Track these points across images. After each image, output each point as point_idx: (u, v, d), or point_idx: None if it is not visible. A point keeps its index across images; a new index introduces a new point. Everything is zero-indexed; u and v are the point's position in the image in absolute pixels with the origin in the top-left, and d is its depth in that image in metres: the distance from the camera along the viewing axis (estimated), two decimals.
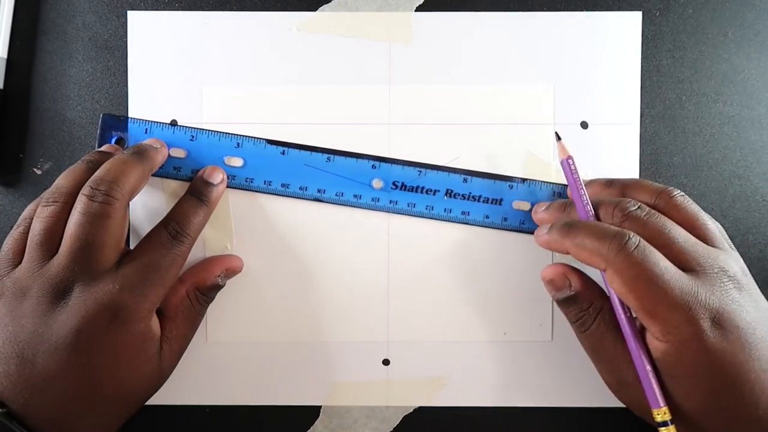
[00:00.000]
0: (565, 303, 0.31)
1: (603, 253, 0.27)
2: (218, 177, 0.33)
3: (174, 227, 0.30)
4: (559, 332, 0.34)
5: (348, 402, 0.34)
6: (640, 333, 0.29)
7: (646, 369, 0.28)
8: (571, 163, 0.31)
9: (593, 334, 0.30)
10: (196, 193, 0.32)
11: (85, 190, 0.29)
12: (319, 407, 0.34)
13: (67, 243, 0.28)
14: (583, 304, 0.30)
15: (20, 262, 0.29)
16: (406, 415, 0.34)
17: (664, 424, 0.27)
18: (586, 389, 0.34)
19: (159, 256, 0.29)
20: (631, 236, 0.27)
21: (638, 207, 0.29)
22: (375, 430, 0.34)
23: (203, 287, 0.32)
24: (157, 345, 0.30)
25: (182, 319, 0.31)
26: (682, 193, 0.30)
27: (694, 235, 0.29)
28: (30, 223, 0.29)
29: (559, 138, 0.32)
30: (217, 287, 0.33)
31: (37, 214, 0.29)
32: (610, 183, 0.32)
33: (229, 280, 0.33)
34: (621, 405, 0.34)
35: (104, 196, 0.28)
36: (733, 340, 0.26)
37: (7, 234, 0.30)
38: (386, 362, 0.34)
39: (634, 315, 0.29)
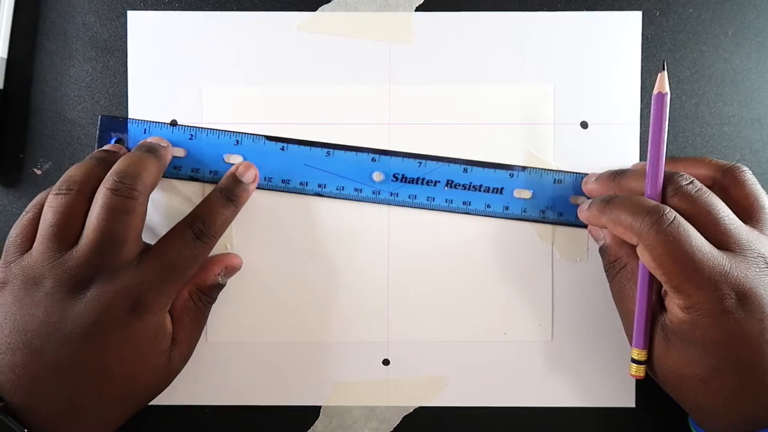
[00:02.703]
0: (599, 251, 0.32)
1: (636, 229, 0.27)
2: (251, 175, 0.32)
3: (199, 226, 0.30)
4: (559, 332, 0.34)
5: (348, 402, 0.34)
6: (662, 296, 0.29)
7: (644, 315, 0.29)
8: (666, 100, 0.30)
9: (615, 285, 0.31)
10: (226, 192, 0.31)
11: (108, 183, 0.28)
12: (319, 407, 0.34)
13: (89, 236, 0.28)
14: (610, 256, 0.31)
15: (28, 249, 0.28)
16: (406, 415, 0.34)
17: (638, 362, 0.29)
18: (586, 389, 0.34)
19: (181, 255, 0.29)
20: (666, 212, 0.27)
21: (690, 182, 0.29)
22: (375, 430, 0.34)
23: (204, 287, 0.32)
24: (169, 340, 0.30)
25: (188, 321, 0.31)
26: (751, 172, 0.30)
27: (747, 215, 0.29)
28: (39, 211, 0.29)
29: (664, 68, 0.30)
30: (219, 286, 0.33)
31: (49, 202, 0.28)
32: (674, 159, 0.32)
33: (229, 279, 0.33)
34: (621, 405, 0.34)
35: (129, 190, 0.28)
36: (754, 323, 0.26)
37: (7, 234, 0.30)
38: (386, 362, 0.34)
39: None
